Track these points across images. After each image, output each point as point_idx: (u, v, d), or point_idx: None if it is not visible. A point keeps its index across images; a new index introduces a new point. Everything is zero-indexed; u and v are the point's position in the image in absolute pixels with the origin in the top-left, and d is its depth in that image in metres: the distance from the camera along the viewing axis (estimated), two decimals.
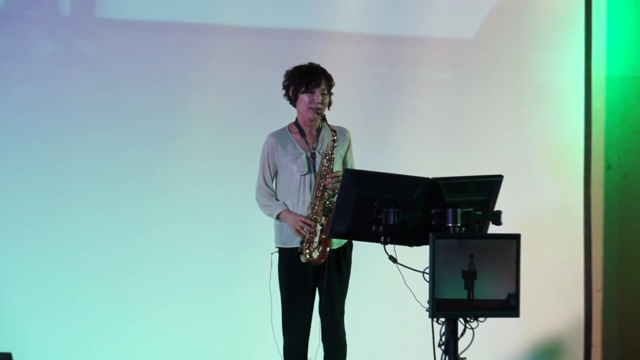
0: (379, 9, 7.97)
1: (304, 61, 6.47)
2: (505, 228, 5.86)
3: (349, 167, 6.39)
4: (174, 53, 7.72)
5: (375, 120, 7.76)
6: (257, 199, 6.47)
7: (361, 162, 6.52)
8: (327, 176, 6.33)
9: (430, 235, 5.68)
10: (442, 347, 5.78)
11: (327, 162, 6.35)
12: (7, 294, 7.32)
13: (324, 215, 6.29)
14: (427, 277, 5.70)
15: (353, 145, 6.53)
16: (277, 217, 6.40)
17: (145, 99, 7.68)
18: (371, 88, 7.84)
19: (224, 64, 7.70)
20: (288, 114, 6.50)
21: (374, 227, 5.82)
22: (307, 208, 6.33)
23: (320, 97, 6.38)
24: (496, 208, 5.94)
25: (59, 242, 7.52)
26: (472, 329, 5.79)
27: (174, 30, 7.69)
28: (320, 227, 6.28)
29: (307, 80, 6.38)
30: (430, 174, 5.91)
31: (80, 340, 7.39)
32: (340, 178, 6.08)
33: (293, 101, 6.45)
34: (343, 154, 6.47)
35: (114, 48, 7.63)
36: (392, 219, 5.77)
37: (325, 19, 7.85)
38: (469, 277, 5.70)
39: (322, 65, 6.45)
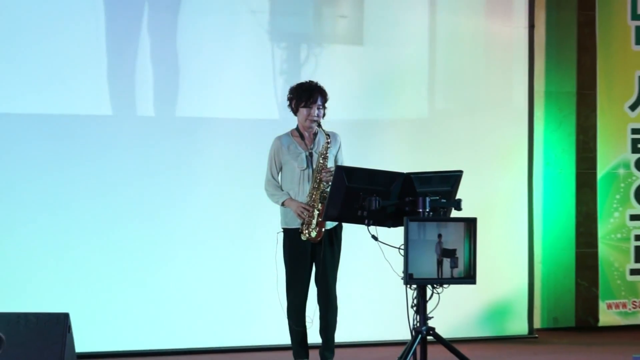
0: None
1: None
2: (464, 213, 5.90)
3: (339, 163, 6.34)
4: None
5: (361, 126, 7.68)
6: (266, 189, 6.46)
7: (349, 159, 6.49)
8: (323, 171, 6.31)
9: (405, 218, 5.74)
10: (414, 308, 5.83)
11: (322, 160, 6.34)
12: (68, 258, 7.18)
13: (320, 202, 6.27)
14: (402, 252, 5.76)
15: (343, 146, 6.51)
16: (282, 204, 6.38)
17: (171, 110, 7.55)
18: (358, 100, 7.76)
19: None
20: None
21: (359, 212, 5.88)
22: (307, 196, 6.32)
23: (316, 111, 6.37)
24: (457, 197, 5.97)
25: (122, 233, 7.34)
26: (438, 293, 5.83)
27: None
28: (317, 212, 6.26)
29: (306, 97, 6.37)
30: (404, 170, 5.97)
31: (119, 302, 7.24)
32: (333, 172, 6.11)
33: (295, 112, 6.44)
34: (335, 153, 6.44)
35: None
36: (374, 205, 5.84)
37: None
38: (438, 252, 5.74)
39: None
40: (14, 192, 7.13)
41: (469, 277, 5.80)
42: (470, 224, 5.80)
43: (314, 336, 6.47)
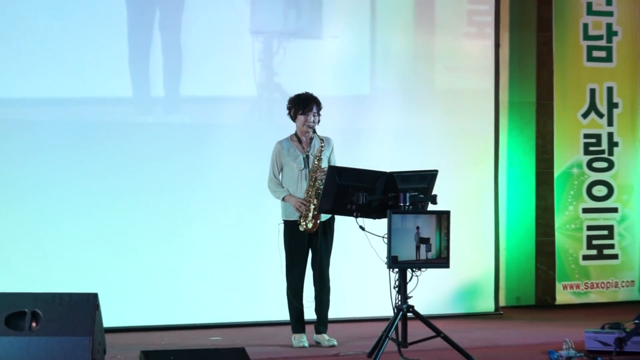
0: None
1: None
2: (439, 206, 5.91)
3: (332, 164, 6.32)
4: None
5: (351, 131, 7.62)
6: (269, 187, 6.46)
7: (340, 160, 6.48)
8: (317, 171, 6.32)
9: (388, 211, 5.76)
10: (396, 289, 5.84)
11: (317, 161, 6.35)
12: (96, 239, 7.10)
13: (315, 197, 6.27)
14: (385, 240, 5.77)
15: (335, 149, 6.51)
16: (283, 199, 6.39)
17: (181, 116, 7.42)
18: (348, 108, 7.71)
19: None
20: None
21: (349, 206, 5.90)
22: (304, 193, 6.33)
23: (312, 118, 6.37)
24: (433, 193, 5.99)
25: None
26: (417, 276, 5.84)
27: None
28: (313, 206, 6.27)
29: (303, 106, 6.38)
30: (387, 169, 5.99)
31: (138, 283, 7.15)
32: (326, 172, 6.12)
33: (293, 119, 6.44)
34: (328, 155, 6.44)
35: None
36: (361, 200, 5.86)
37: None
38: (417, 240, 5.75)
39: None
40: (43, 180, 7.01)
41: (444, 261, 5.80)
42: (444, 216, 5.80)
43: (310, 313, 6.48)
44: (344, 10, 7.75)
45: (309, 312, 6.48)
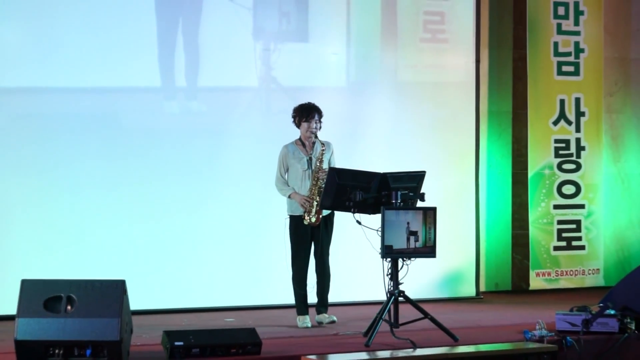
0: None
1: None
2: (427, 203, 5.92)
3: (332, 166, 6.31)
4: None
5: (349, 135, 7.56)
6: (276, 185, 6.45)
7: (340, 162, 6.48)
8: (319, 172, 6.31)
9: (382, 207, 5.76)
10: (389, 276, 5.83)
11: (319, 163, 6.34)
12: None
13: (317, 195, 6.27)
14: (379, 233, 5.77)
15: (335, 151, 6.50)
16: (289, 196, 6.38)
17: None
18: (346, 115, 7.65)
19: None
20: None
21: (347, 203, 5.91)
22: (307, 191, 6.33)
23: (314, 125, 6.37)
24: (422, 191, 5.98)
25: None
26: (407, 265, 5.83)
27: None
28: (316, 203, 6.26)
29: (306, 114, 6.37)
30: (381, 170, 5.99)
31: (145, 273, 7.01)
32: (327, 173, 6.12)
33: (298, 126, 6.43)
34: (329, 158, 6.43)
35: None
36: (358, 197, 5.87)
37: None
38: (407, 233, 5.74)
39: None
40: (74, 167, 6.98)
41: (430, 251, 5.79)
42: (431, 212, 5.80)
43: (312, 297, 6.49)
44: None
45: (312, 297, 6.47)
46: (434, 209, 5.80)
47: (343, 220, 6.35)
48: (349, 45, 7.82)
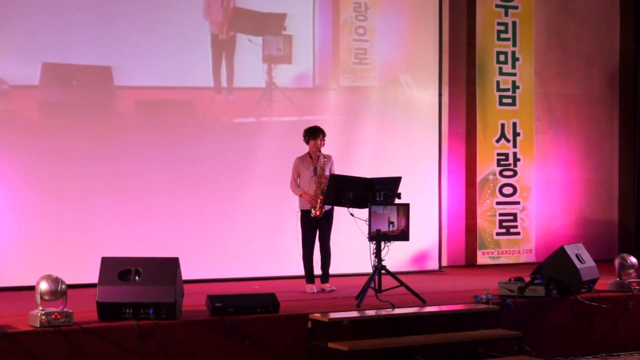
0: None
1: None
2: (402, 200, 5.88)
3: (332, 173, 6.22)
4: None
5: (345, 150, 7.42)
6: (291, 187, 6.40)
7: (337, 169, 6.40)
8: (322, 177, 6.27)
9: (369, 204, 5.75)
10: (374, 254, 5.81)
11: (322, 171, 6.31)
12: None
13: (321, 194, 6.23)
14: (367, 222, 5.75)
15: (335, 162, 6.43)
16: (300, 196, 6.34)
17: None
18: (343, 136, 7.55)
19: None
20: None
21: (343, 200, 5.89)
22: (314, 191, 6.29)
23: (319, 142, 6.33)
24: (398, 191, 5.95)
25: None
26: (388, 246, 5.81)
27: None
28: (320, 200, 6.23)
29: (313, 135, 6.33)
30: (368, 175, 5.99)
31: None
32: (328, 178, 6.10)
33: (307, 143, 6.39)
34: (330, 167, 6.38)
35: None
36: (351, 196, 5.84)
37: None
38: (387, 222, 5.74)
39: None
40: (124, 159, 6.76)
41: (405, 236, 5.80)
42: (405, 207, 5.80)
43: (317, 270, 6.44)
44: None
45: (317, 270, 6.45)
46: (407, 205, 5.80)
47: (340, 213, 6.29)
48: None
